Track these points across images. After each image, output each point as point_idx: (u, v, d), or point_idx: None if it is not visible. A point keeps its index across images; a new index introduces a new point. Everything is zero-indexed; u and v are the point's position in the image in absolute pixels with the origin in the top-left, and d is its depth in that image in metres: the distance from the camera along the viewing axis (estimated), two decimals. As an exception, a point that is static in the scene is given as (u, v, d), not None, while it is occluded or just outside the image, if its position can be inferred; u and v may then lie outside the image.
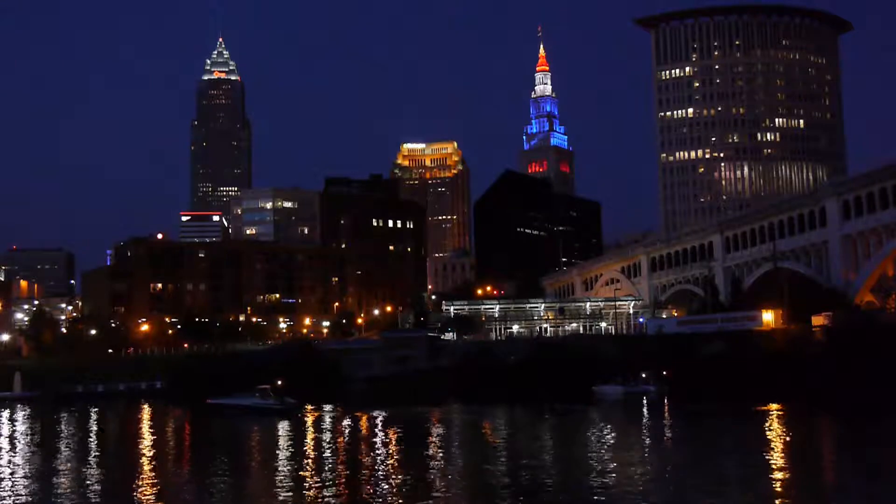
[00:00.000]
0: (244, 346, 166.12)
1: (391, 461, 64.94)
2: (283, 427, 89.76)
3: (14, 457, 72.16)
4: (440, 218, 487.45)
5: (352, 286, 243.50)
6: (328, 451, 71.92)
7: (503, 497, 50.21)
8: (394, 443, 77.07)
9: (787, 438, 72.47)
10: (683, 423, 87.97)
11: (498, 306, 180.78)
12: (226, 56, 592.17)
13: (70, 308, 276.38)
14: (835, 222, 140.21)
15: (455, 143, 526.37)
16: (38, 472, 62.90)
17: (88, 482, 58.92)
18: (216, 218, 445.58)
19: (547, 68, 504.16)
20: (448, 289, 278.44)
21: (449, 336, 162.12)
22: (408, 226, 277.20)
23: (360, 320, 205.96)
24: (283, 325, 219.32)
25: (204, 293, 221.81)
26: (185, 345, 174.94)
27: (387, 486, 53.24)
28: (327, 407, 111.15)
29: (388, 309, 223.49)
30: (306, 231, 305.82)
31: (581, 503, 48.08)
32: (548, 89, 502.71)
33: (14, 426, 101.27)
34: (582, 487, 51.62)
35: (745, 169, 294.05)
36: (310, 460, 65.71)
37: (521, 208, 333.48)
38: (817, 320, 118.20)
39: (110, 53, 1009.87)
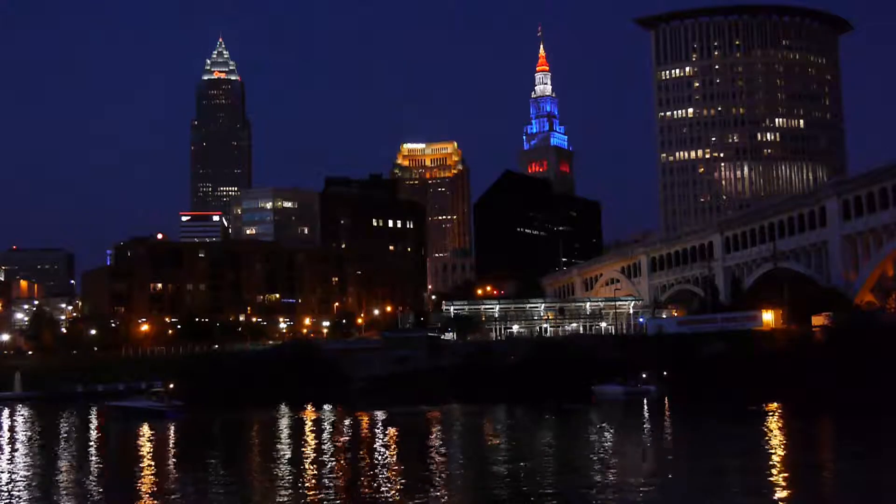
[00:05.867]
0: (244, 346, 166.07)
1: (391, 461, 64.93)
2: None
3: (13, 457, 72.12)
4: (440, 218, 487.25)
5: (352, 286, 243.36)
6: (328, 450, 71.92)
7: (503, 497, 50.21)
8: (394, 443, 77.07)
9: (787, 439, 72.47)
10: (683, 423, 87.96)
11: (498, 306, 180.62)
12: (226, 56, 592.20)
13: (70, 308, 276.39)
14: (835, 222, 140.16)
15: (455, 143, 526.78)
16: (37, 473, 62.89)
17: (87, 482, 58.91)
18: (216, 218, 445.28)
19: (547, 68, 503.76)
20: (448, 289, 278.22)
21: (449, 336, 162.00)
22: (408, 226, 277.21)
23: (360, 320, 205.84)
24: (283, 325, 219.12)
25: (204, 293, 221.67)
26: (185, 345, 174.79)
27: (386, 486, 53.24)
28: (327, 407, 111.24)
29: (388, 309, 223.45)
30: (306, 231, 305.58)
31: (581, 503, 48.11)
32: (548, 89, 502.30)
33: (14, 426, 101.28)
34: (582, 488, 51.58)
35: (745, 169, 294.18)
36: (310, 460, 65.71)
37: (521, 208, 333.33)
38: (817, 320, 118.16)
39: (110, 52, 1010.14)
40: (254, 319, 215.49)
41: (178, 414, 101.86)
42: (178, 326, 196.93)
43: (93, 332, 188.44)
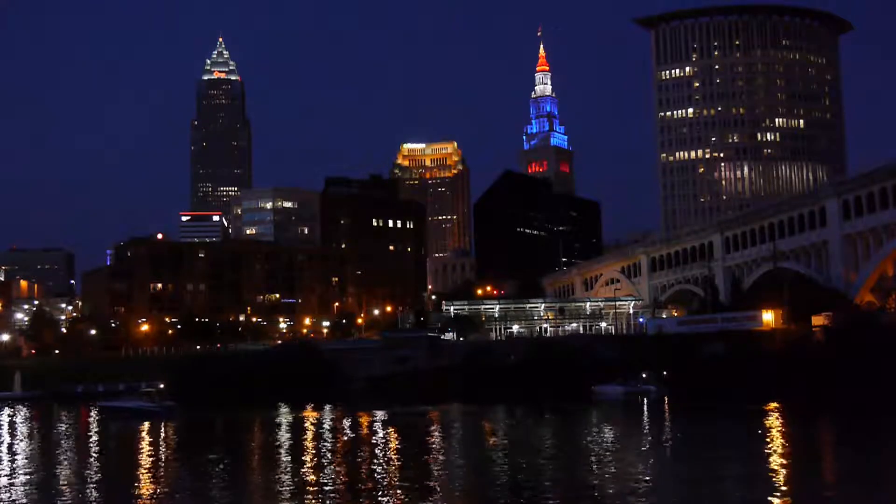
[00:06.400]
0: (244, 346, 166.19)
1: (391, 461, 64.93)
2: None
3: (13, 457, 72.12)
4: (440, 218, 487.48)
5: (352, 286, 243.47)
6: (328, 451, 71.89)
7: (503, 497, 50.20)
8: (394, 443, 77.07)
9: (787, 438, 72.43)
10: (684, 423, 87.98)
11: (498, 306, 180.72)
12: (226, 56, 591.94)
13: (70, 308, 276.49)
14: (835, 222, 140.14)
15: (455, 143, 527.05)
16: (36, 473, 62.90)
17: (87, 482, 58.89)
18: (216, 218, 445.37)
19: (547, 68, 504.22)
20: (448, 289, 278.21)
21: (449, 336, 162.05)
22: (408, 226, 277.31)
23: (360, 320, 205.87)
24: (283, 325, 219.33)
25: (204, 293, 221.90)
26: (185, 345, 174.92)
27: (386, 486, 53.24)
28: (327, 407, 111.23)
29: (388, 309, 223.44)
30: (306, 231, 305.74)
31: (581, 503, 48.10)
32: (548, 89, 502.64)
33: (14, 426, 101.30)
34: (582, 488, 51.61)
35: (745, 169, 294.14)
36: (309, 461, 65.71)
37: (521, 208, 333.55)
38: (817, 320, 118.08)
39: (110, 53, 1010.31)
40: (254, 319, 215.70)
41: (170, 414, 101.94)
42: (178, 326, 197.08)
43: (93, 332, 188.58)
